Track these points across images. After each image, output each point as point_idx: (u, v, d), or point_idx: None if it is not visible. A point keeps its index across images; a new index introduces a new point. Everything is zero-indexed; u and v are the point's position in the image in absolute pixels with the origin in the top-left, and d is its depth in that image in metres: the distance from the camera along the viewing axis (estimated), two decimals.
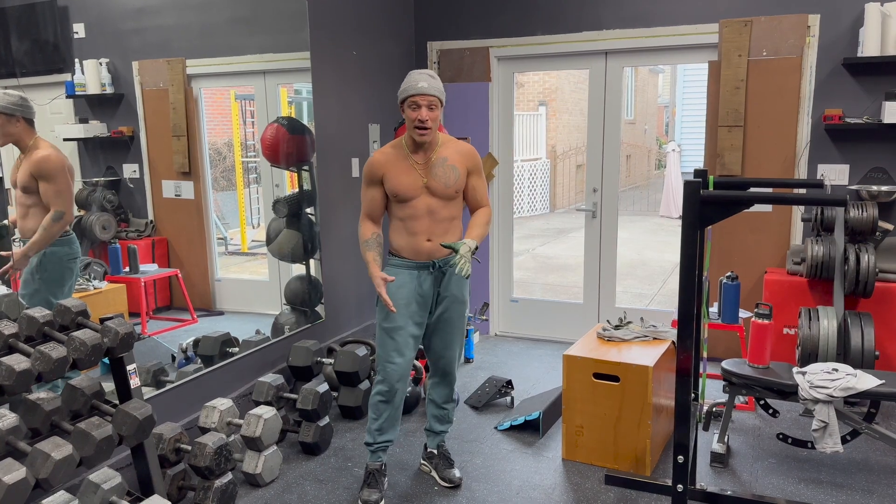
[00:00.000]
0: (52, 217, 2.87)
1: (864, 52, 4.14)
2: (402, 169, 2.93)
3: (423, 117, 2.82)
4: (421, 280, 2.99)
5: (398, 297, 2.97)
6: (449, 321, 3.09)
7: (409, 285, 2.98)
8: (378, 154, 2.98)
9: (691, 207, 2.30)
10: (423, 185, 2.92)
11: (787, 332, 4.29)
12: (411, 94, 2.83)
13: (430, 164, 2.94)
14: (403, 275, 2.99)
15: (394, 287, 2.97)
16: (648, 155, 19.94)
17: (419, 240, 2.95)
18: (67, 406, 2.41)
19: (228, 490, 2.95)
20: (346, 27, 4.59)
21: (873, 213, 4.00)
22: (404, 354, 3.01)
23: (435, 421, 3.31)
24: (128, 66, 3.21)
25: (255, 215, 4.26)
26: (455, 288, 3.05)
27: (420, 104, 2.83)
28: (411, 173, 2.93)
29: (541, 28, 5.03)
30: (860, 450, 3.50)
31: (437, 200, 2.94)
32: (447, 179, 2.93)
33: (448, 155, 2.96)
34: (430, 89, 2.83)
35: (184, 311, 3.66)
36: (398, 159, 2.95)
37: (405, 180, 2.92)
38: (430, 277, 3.00)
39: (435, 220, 2.95)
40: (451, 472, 3.24)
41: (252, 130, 4.12)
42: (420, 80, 2.84)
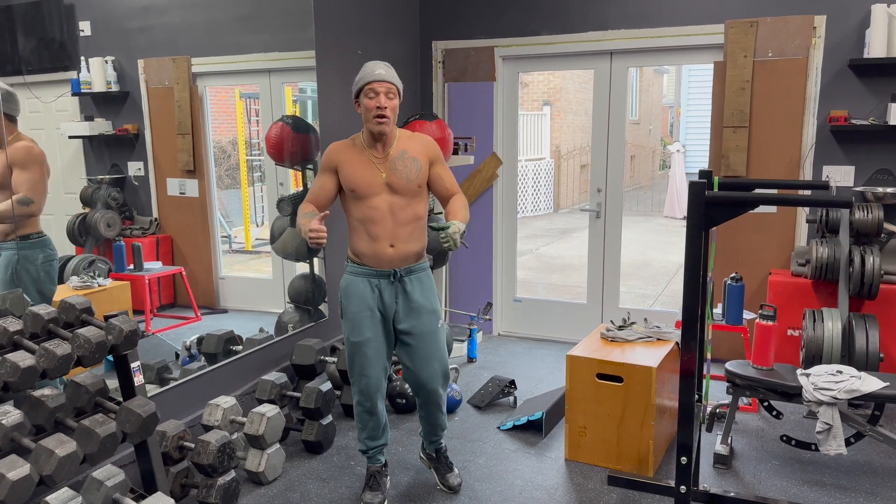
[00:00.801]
0: (18, 199, 2.71)
1: (871, 53, 4.12)
2: (360, 162, 2.80)
3: (381, 104, 2.70)
4: (381, 288, 2.84)
5: (359, 307, 2.84)
6: (421, 335, 2.90)
7: (369, 295, 2.84)
8: (337, 143, 2.88)
9: (696, 208, 2.29)
10: (382, 180, 2.78)
11: (791, 333, 4.28)
12: (368, 80, 2.71)
13: (389, 159, 2.80)
14: (362, 283, 2.84)
15: (354, 297, 2.85)
16: (653, 155, 19.91)
17: (382, 245, 2.80)
18: (71, 403, 2.42)
19: (231, 488, 2.95)
20: (351, 26, 4.59)
21: (879, 215, 3.99)
22: (375, 365, 2.90)
23: (429, 431, 3.16)
24: (133, 64, 3.21)
25: (259, 213, 4.27)
26: (420, 296, 2.89)
27: (378, 91, 2.70)
28: (370, 168, 2.79)
29: (546, 28, 5.02)
30: (864, 452, 3.49)
31: (399, 198, 2.79)
32: (408, 173, 2.79)
33: (407, 147, 2.83)
34: (387, 76, 2.72)
35: (187, 309, 3.66)
36: (356, 152, 2.82)
37: (363, 174, 2.78)
38: (390, 287, 2.85)
39: (398, 223, 2.80)
40: (450, 478, 3.16)
41: (257, 129, 4.13)
42: (376, 67, 2.73)
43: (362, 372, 2.90)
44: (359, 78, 2.75)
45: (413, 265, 2.87)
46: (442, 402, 3.08)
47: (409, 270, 2.86)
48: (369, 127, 2.77)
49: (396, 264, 2.83)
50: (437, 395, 3.02)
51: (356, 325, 2.86)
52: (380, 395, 2.97)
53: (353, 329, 2.87)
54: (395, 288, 2.85)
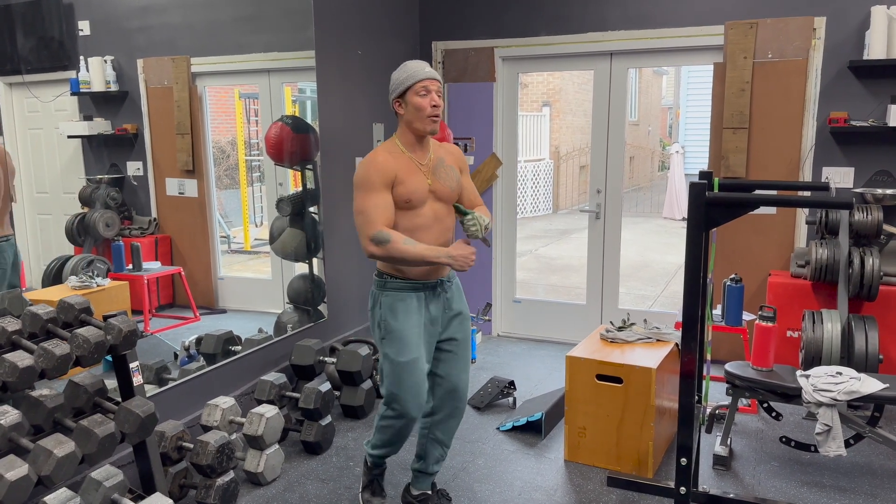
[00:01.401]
0: None
1: (870, 54, 4.12)
2: (409, 169, 2.61)
3: (436, 102, 2.55)
4: (429, 302, 2.70)
5: (408, 324, 2.64)
6: (462, 342, 2.80)
7: (419, 310, 2.67)
8: (380, 154, 2.60)
9: (696, 209, 2.29)
10: (427, 187, 2.63)
11: (790, 334, 4.28)
12: (420, 77, 2.55)
13: (432, 166, 2.67)
14: (409, 298, 2.66)
15: (401, 314, 2.64)
16: (652, 156, 19.92)
17: None
18: (70, 403, 2.41)
19: (230, 489, 2.94)
20: (350, 26, 4.58)
21: (878, 217, 3.99)
22: (423, 385, 2.69)
23: (435, 462, 2.94)
24: (132, 64, 3.21)
25: (258, 214, 4.27)
26: (460, 303, 2.79)
27: (430, 88, 2.56)
28: (418, 174, 2.62)
29: (545, 28, 5.02)
30: (863, 454, 3.49)
31: (441, 206, 2.68)
32: (450, 182, 2.68)
33: (443, 156, 2.72)
34: (436, 74, 2.59)
35: (186, 309, 3.66)
36: (402, 160, 2.61)
37: (416, 182, 2.60)
38: (435, 298, 2.71)
39: (442, 230, 2.67)
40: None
41: (256, 129, 4.12)
42: (424, 65, 2.59)
43: (412, 396, 2.67)
44: (405, 76, 2.57)
45: (451, 272, 2.77)
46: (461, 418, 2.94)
47: (449, 279, 2.76)
48: (419, 127, 2.60)
49: (442, 274, 2.71)
50: (462, 409, 2.89)
51: (406, 344, 2.64)
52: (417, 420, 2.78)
53: (401, 348, 2.64)
54: (441, 298, 2.73)
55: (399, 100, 2.61)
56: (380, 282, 2.70)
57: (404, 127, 2.65)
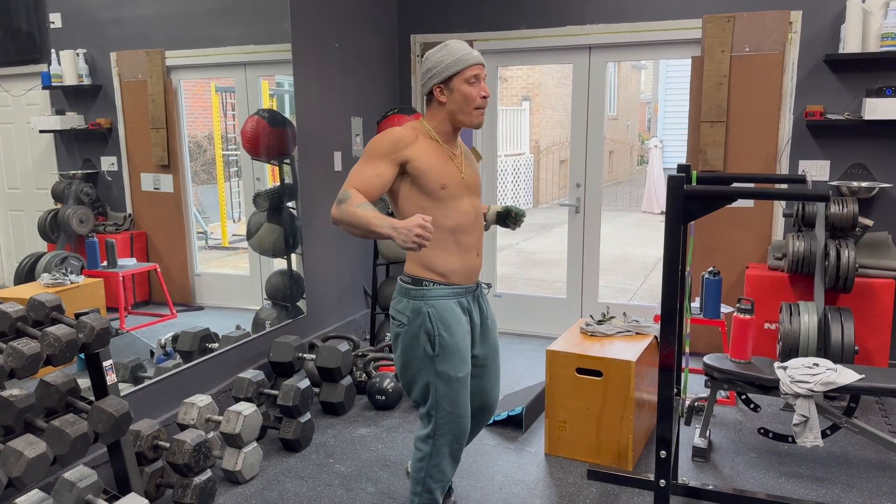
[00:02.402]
0: None
1: (846, 48, 4.16)
2: (440, 158, 2.32)
3: (487, 92, 2.31)
4: (470, 308, 2.43)
5: (461, 335, 2.35)
6: (494, 354, 2.57)
7: (463, 319, 2.39)
8: (401, 129, 2.30)
9: (675, 202, 2.29)
10: (463, 182, 2.36)
11: (768, 326, 4.31)
12: (470, 63, 2.26)
13: (462, 157, 2.42)
14: (456, 306, 2.36)
15: (453, 324, 2.34)
16: (631, 151, 20.02)
17: (471, 257, 2.40)
18: (41, 403, 2.37)
19: (207, 487, 2.91)
20: (327, 19, 4.54)
21: (853, 209, 4.03)
22: (468, 402, 2.43)
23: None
24: (105, 57, 3.15)
25: (235, 209, 4.22)
26: (491, 311, 2.57)
27: (480, 76, 2.29)
28: (450, 165, 2.33)
29: (525, 22, 5.01)
30: (840, 444, 3.52)
31: (477, 200, 2.42)
32: (476, 176, 2.46)
33: (463, 148, 2.49)
34: (484, 60, 2.35)
35: (163, 306, 3.61)
36: (431, 145, 2.33)
37: (447, 170, 2.31)
38: (474, 305, 2.45)
39: (478, 227, 2.42)
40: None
41: (233, 123, 4.07)
42: (471, 49, 2.30)
43: (463, 412, 2.39)
44: (451, 59, 2.27)
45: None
46: None
47: (478, 283, 2.50)
48: (463, 119, 2.32)
49: (478, 276, 2.46)
50: (486, 423, 2.69)
51: (462, 359, 2.36)
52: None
53: (459, 364, 2.35)
54: (478, 304, 2.48)
55: (442, 86, 2.30)
56: (418, 290, 2.34)
57: (444, 116, 2.34)
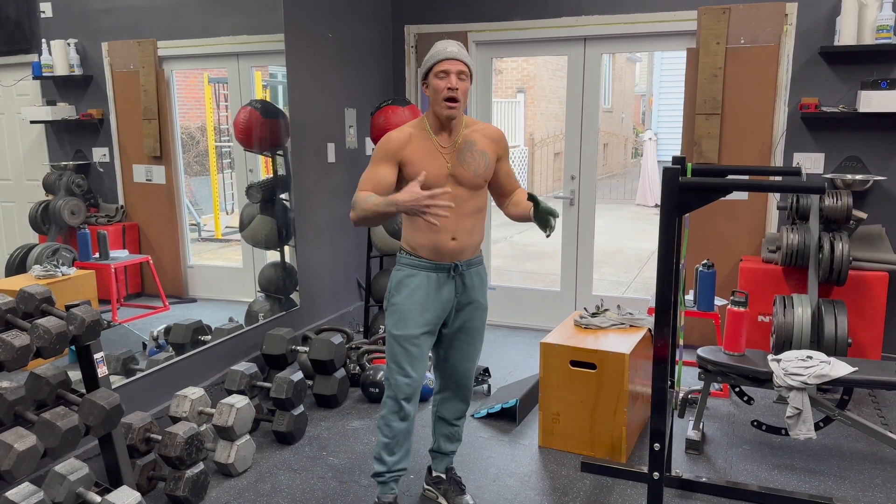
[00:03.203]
0: None
1: (841, 40, 4.15)
2: (427, 152, 2.56)
3: (453, 84, 2.47)
4: (440, 284, 2.63)
5: (410, 299, 2.62)
6: (471, 330, 2.76)
7: (425, 289, 2.62)
8: (397, 132, 2.59)
9: (670, 194, 2.28)
10: (448, 172, 2.56)
11: (761, 319, 4.31)
12: (440, 58, 2.49)
13: (456, 149, 2.59)
14: (420, 277, 2.62)
15: (406, 289, 2.63)
16: (625, 143, 20.03)
17: (443, 238, 2.58)
18: (31, 396, 2.35)
19: (200, 480, 2.90)
20: (321, 9, 4.51)
21: (848, 202, 4.03)
22: (417, 368, 2.66)
23: (444, 440, 2.94)
24: (97, 47, 3.12)
25: (229, 201, 4.19)
26: (478, 293, 2.72)
27: (450, 70, 2.47)
28: (436, 158, 2.56)
29: (520, 13, 4.98)
30: (832, 436, 3.53)
31: (463, 190, 2.59)
32: (476, 167, 2.58)
33: (476, 139, 2.61)
34: (459, 54, 2.49)
35: (155, 298, 3.59)
36: (421, 141, 2.57)
37: (430, 166, 2.54)
38: (450, 282, 2.65)
39: (461, 215, 2.60)
40: (463, 500, 2.92)
41: (226, 114, 4.04)
42: (448, 45, 2.50)
43: (400, 371, 2.66)
44: (428, 57, 2.54)
45: (472, 258, 2.70)
46: (470, 398, 2.92)
47: (468, 264, 2.68)
48: (437, 111, 2.54)
49: (456, 258, 2.64)
50: (470, 391, 2.89)
51: (402, 318, 2.63)
52: (412, 405, 2.71)
53: (398, 321, 2.63)
54: (455, 283, 2.66)
55: (425, 81, 2.57)
56: (398, 256, 2.70)
57: (431, 110, 2.59)
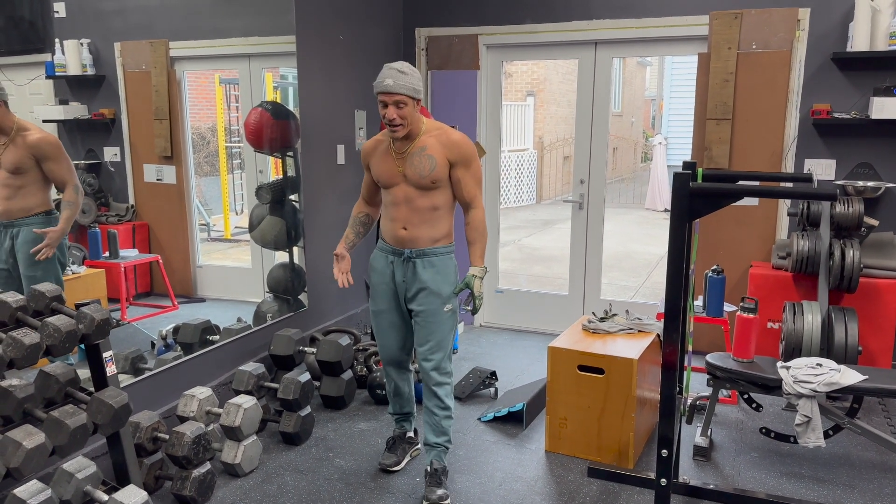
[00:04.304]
0: (73, 191, 2.97)
1: (854, 46, 4.13)
2: (383, 157, 2.96)
3: (390, 116, 2.79)
4: (394, 267, 3.02)
5: (378, 279, 3.08)
6: (424, 314, 2.99)
7: (385, 270, 3.05)
8: (369, 140, 3.06)
9: (680, 199, 2.27)
10: (399, 172, 2.92)
11: (771, 326, 4.29)
12: (378, 90, 2.79)
13: (407, 154, 2.90)
14: (383, 258, 3.06)
15: (375, 270, 3.09)
16: (635, 147, 19.98)
17: (396, 226, 2.97)
18: (41, 393, 2.36)
19: (206, 480, 2.90)
20: (332, 11, 4.52)
21: (859, 209, 4.01)
22: (389, 336, 3.13)
23: (429, 430, 3.09)
24: (109, 47, 3.14)
25: (238, 201, 4.20)
26: (428, 280, 2.96)
27: (387, 103, 2.78)
28: (389, 161, 2.94)
29: (530, 16, 4.98)
30: (842, 445, 3.51)
31: (414, 190, 2.91)
32: (421, 169, 2.87)
33: (429, 144, 2.88)
34: (395, 87, 2.74)
35: (164, 298, 3.60)
36: (382, 146, 2.98)
37: (383, 168, 2.96)
38: (401, 266, 3.00)
39: (413, 209, 2.93)
40: (432, 493, 2.96)
41: (236, 115, 4.06)
42: (387, 76, 2.76)
43: (378, 340, 3.18)
44: (375, 83, 2.82)
45: (427, 248, 2.97)
46: (442, 390, 3.04)
47: (421, 253, 2.97)
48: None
49: (408, 245, 2.97)
50: (432, 378, 3.03)
51: (374, 295, 3.11)
52: (392, 369, 3.21)
53: (372, 298, 3.13)
54: (406, 268, 2.99)
55: None
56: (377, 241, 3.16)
57: None
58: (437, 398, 3.05)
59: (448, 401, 3.06)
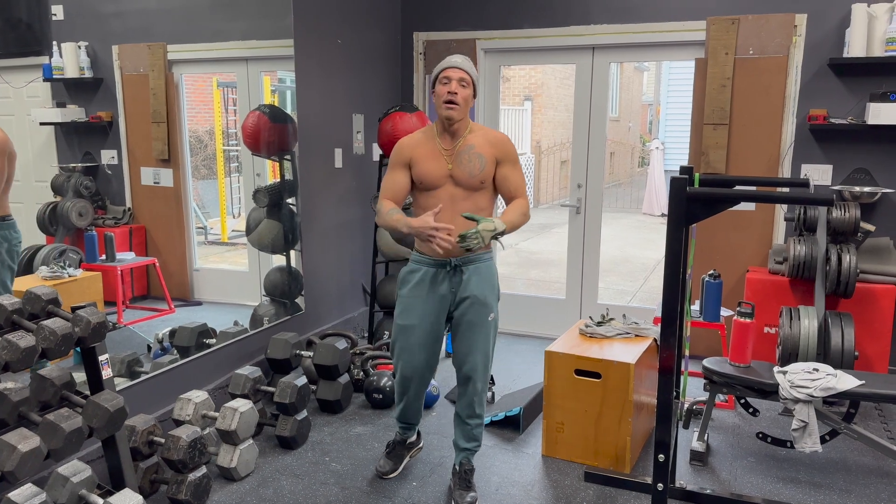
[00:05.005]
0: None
1: (850, 52, 4.14)
2: (430, 153, 2.86)
3: (452, 89, 2.77)
4: (438, 280, 2.89)
5: (412, 293, 2.92)
6: (470, 325, 2.91)
7: (423, 283, 2.91)
8: (408, 138, 2.94)
9: (677, 204, 2.28)
10: (447, 172, 2.84)
11: (767, 331, 4.29)
12: (444, 67, 2.80)
13: (456, 151, 2.85)
14: (421, 272, 2.92)
15: (409, 283, 2.94)
16: (632, 152, 20.01)
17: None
18: (36, 397, 2.35)
19: (202, 484, 2.89)
20: (330, 15, 4.52)
21: (856, 214, 4.01)
22: (415, 354, 2.96)
23: (459, 436, 3.08)
24: (107, 50, 3.14)
25: (236, 205, 4.20)
26: (475, 288, 2.89)
27: (451, 77, 2.78)
28: (438, 159, 2.85)
29: (528, 21, 4.99)
30: (838, 450, 3.51)
31: (460, 190, 2.84)
32: (472, 168, 2.82)
33: (476, 143, 2.86)
34: (462, 63, 2.80)
35: (161, 301, 3.59)
36: (426, 143, 2.89)
37: (431, 166, 2.84)
38: (447, 277, 2.88)
39: (457, 212, 2.83)
40: (462, 497, 2.96)
41: (234, 119, 4.06)
42: (455, 56, 2.84)
43: (400, 355, 3.00)
44: (435, 68, 2.85)
45: (471, 255, 2.89)
46: (478, 398, 3.00)
47: (467, 260, 2.88)
48: (439, 113, 2.83)
49: (454, 253, 2.85)
50: (475, 388, 2.98)
51: (406, 309, 2.95)
52: (414, 384, 3.05)
53: (401, 312, 2.97)
54: (453, 278, 2.89)
55: (433, 90, 2.87)
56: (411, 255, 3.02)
57: (436, 108, 2.88)
58: (472, 407, 3.00)
59: (480, 409, 3.03)
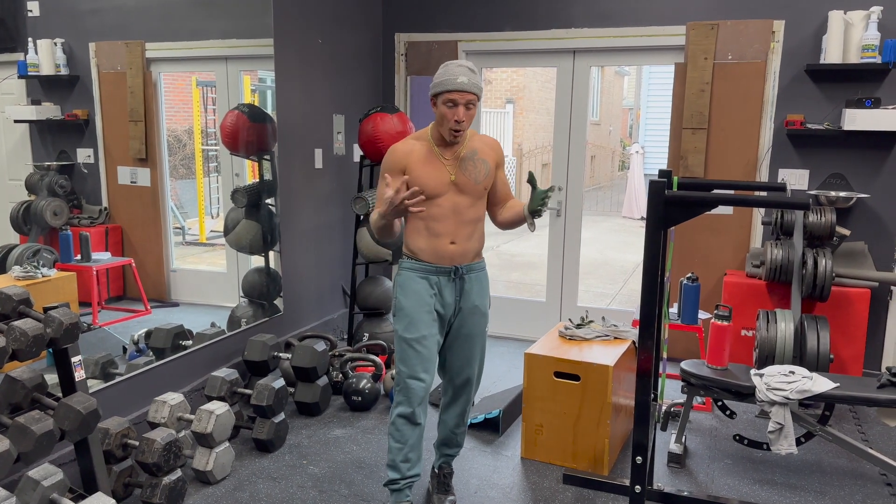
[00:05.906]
0: None
1: (827, 59, 4.19)
2: (429, 162, 2.66)
3: (460, 118, 2.57)
4: (441, 286, 2.72)
5: (417, 303, 2.70)
6: (469, 336, 2.81)
7: (426, 291, 2.71)
8: (401, 144, 2.71)
9: (656, 207, 2.28)
10: (450, 181, 2.67)
11: (745, 333, 4.33)
12: (449, 89, 2.55)
13: (459, 159, 2.69)
14: (421, 279, 2.72)
15: (411, 293, 2.70)
16: (612, 156, 20.13)
17: (443, 242, 2.69)
18: (6, 399, 2.31)
19: (177, 487, 2.86)
20: (311, 14, 4.50)
21: (831, 219, 4.06)
22: (429, 370, 2.71)
23: (443, 441, 3.01)
24: (84, 48, 3.10)
25: (214, 205, 4.16)
26: (476, 297, 2.79)
27: (458, 102, 2.55)
28: (439, 167, 2.67)
29: (510, 24, 5.00)
30: (813, 451, 3.54)
31: (464, 199, 2.69)
32: (477, 174, 2.69)
33: (478, 147, 2.73)
34: (469, 86, 2.55)
35: (137, 302, 3.55)
36: (424, 151, 2.68)
37: (431, 174, 2.65)
38: (450, 285, 2.73)
39: (461, 222, 2.70)
40: (441, 500, 2.96)
41: (213, 118, 4.02)
42: (460, 73, 2.55)
43: (413, 374, 2.69)
44: (440, 80, 2.59)
45: (473, 263, 2.78)
46: (469, 408, 2.96)
47: (469, 268, 2.76)
48: (443, 133, 2.65)
49: (458, 261, 2.72)
50: (469, 399, 2.93)
51: (413, 322, 2.70)
52: (423, 408, 2.74)
53: (408, 325, 2.70)
54: (455, 286, 2.75)
55: (434, 99, 2.64)
56: (401, 262, 2.79)
57: (436, 123, 2.68)
58: (462, 417, 2.95)
59: (468, 418, 3.00)
